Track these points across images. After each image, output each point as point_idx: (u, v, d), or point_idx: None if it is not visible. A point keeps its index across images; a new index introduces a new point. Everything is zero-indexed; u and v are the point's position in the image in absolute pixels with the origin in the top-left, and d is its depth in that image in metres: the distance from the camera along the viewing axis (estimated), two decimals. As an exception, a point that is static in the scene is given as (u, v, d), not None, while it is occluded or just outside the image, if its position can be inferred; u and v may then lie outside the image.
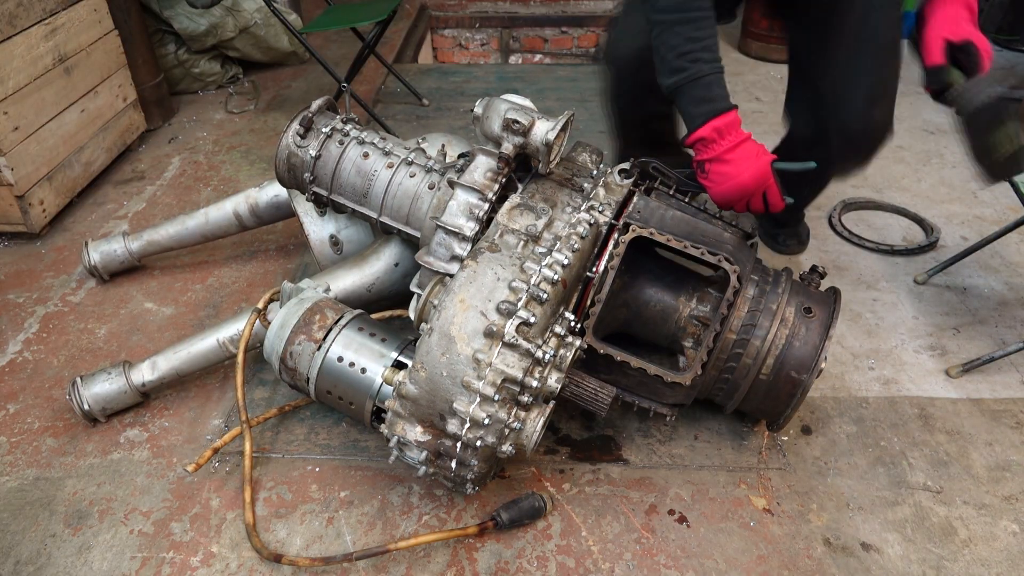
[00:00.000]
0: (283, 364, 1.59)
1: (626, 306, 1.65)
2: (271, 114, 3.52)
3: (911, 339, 2.15)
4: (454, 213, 1.58)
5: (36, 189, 2.51)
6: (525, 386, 1.34)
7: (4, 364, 2.04)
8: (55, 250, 2.53)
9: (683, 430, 1.83)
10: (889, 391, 1.97)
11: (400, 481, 1.69)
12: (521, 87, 3.92)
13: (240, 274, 2.40)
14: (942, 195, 2.85)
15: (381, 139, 1.82)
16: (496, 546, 1.56)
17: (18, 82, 2.44)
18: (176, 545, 1.56)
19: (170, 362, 1.83)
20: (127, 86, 3.07)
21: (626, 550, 1.55)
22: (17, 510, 1.63)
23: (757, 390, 1.61)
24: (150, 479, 1.70)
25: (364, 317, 1.64)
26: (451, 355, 1.32)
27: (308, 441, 1.80)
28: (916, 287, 2.36)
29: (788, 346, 1.57)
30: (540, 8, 5.40)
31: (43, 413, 1.88)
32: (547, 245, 1.47)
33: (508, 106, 1.53)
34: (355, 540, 1.57)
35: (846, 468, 1.75)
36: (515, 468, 1.73)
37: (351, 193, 1.81)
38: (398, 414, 1.40)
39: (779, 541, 1.58)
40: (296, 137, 1.79)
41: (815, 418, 1.88)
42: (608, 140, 2.31)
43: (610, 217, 1.57)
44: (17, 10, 2.43)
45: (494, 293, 1.35)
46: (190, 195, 2.84)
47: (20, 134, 2.45)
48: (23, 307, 2.26)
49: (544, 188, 1.59)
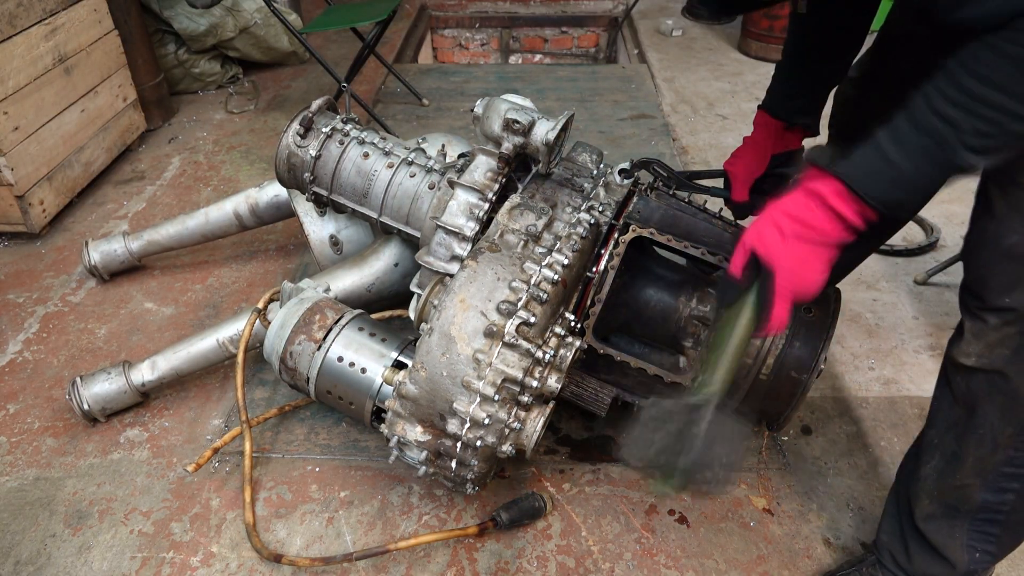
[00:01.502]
0: (283, 364, 1.59)
1: (626, 306, 1.65)
2: (271, 114, 3.52)
3: (911, 339, 2.15)
4: (454, 213, 1.58)
5: (36, 189, 2.51)
6: (525, 386, 1.34)
7: (4, 364, 2.04)
8: (55, 250, 2.52)
9: (683, 430, 1.83)
10: (889, 391, 1.97)
11: (400, 481, 1.69)
12: (521, 87, 3.92)
13: (240, 274, 2.40)
14: (942, 195, 2.81)
15: (381, 139, 1.82)
16: (496, 546, 1.56)
17: (18, 82, 2.44)
18: (176, 545, 1.56)
19: (170, 362, 1.83)
20: (127, 86, 3.07)
21: (626, 550, 1.55)
22: (17, 510, 1.63)
23: (757, 390, 1.61)
24: (150, 479, 1.70)
25: (364, 317, 1.64)
26: (451, 355, 1.32)
27: (308, 441, 1.79)
28: (916, 287, 2.36)
29: (788, 346, 1.57)
30: (540, 8, 5.40)
31: (43, 413, 1.88)
32: (547, 245, 1.47)
33: (508, 106, 1.53)
34: (355, 540, 1.57)
35: (846, 468, 1.75)
36: (515, 468, 1.73)
37: (351, 193, 1.81)
38: (398, 414, 1.40)
39: (779, 541, 1.58)
40: (296, 137, 1.79)
41: (815, 418, 1.88)
42: (606, 141, 2.31)
43: (610, 217, 1.57)
44: (17, 10, 2.43)
45: (494, 293, 1.35)
46: (190, 195, 2.84)
47: (20, 134, 2.45)
48: (23, 307, 2.26)
49: (544, 188, 1.59)
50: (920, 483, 1.29)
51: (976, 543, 1.27)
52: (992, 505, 1.22)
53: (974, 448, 1.19)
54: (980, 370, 1.14)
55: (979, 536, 1.26)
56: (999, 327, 1.10)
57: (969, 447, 1.20)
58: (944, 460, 1.24)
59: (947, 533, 1.27)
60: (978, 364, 1.14)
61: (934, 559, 1.30)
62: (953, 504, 1.25)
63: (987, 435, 1.17)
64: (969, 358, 1.15)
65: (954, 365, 1.19)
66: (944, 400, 1.25)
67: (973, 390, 1.17)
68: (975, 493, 1.22)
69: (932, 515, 1.28)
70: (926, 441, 1.30)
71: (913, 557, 1.33)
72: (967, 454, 1.20)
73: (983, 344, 1.13)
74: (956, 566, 1.28)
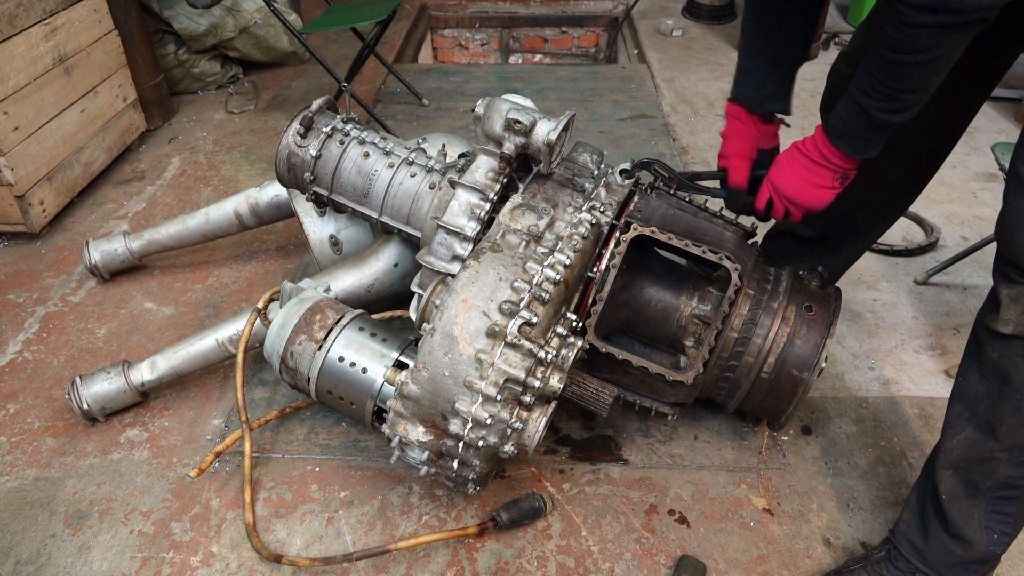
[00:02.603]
0: (284, 364, 1.59)
1: (627, 305, 1.65)
2: (271, 114, 3.52)
3: (911, 339, 2.15)
4: (455, 213, 1.58)
5: (36, 189, 2.50)
6: (527, 386, 1.34)
7: (4, 364, 2.04)
8: (55, 250, 2.52)
9: (683, 430, 1.83)
10: (889, 391, 1.97)
11: (400, 481, 1.69)
12: (521, 87, 3.92)
13: (240, 274, 2.40)
14: (942, 195, 2.85)
15: (382, 139, 1.82)
16: (496, 546, 1.56)
17: (18, 82, 2.44)
18: (176, 545, 1.55)
19: (169, 362, 1.82)
20: (127, 86, 3.07)
21: (626, 550, 1.55)
22: (17, 510, 1.63)
23: (759, 388, 1.61)
24: (150, 479, 1.70)
25: (365, 317, 1.64)
26: (454, 355, 1.32)
27: (308, 441, 1.79)
28: (916, 287, 2.36)
29: (790, 344, 1.57)
30: (540, 8, 5.40)
31: (43, 413, 1.88)
32: (549, 245, 1.47)
33: (510, 106, 1.53)
34: (355, 540, 1.57)
35: (846, 468, 1.75)
36: (515, 468, 1.73)
37: (351, 193, 1.80)
38: (400, 414, 1.40)
39: (779, 541, 1.58)
40: (296, 137, 1.79)
41: (815, 418, 1.88)
42: (607, 141, 2.31)
43: (611, 217, 1.57)
44: (17, 10, 2.43)
45: (496, 293, 1.35)
46: (190, 195, 2.84)
47: (20, 134, 2.44)
48: (23, 307, 2.26)
49: (546, 188, 1.59)
50: (945, 455, 1.33)
51: (993, 524, 1.31)
52: (1013, 480, 1.27)
53: (1011, 415, 1.23)
54: (1018, 337, 1.20)
55: (995, 517, 1.30)
56: None
57: (1005, 415, 1.24)
58: (977, 431, 1.28)
59: (966, 512, 1.31)
60: (1016, 331, 1.20)
61: (952, 539, 1.33)
62: (975, 481, 1.29)
63: (1023, 402, 1.22)
64: (1007, 326, 1.20)
65: (990, 333, 1.24)
66: (971, 375, 1.30)
67: (1010, 357, 1.22)
68: (1000, 467, 1.26)
69: (954, 492, 1.32)
70: (951, 417, 1.34)
71: (931, 538, 1.36)
72: (1002, 422, 1.24)
73: (1020, 309, 1.19)
74: (974, 546, 1.31)
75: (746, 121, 1.60)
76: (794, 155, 1.47)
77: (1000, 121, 3.42)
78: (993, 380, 1.25)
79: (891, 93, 1.23)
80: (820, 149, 1.41)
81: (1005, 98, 3.51)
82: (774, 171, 1.51)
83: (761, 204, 1.55)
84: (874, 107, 1.26)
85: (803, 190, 1.46)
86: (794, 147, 1.47)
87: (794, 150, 1.47)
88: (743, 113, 1.59)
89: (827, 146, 1.39)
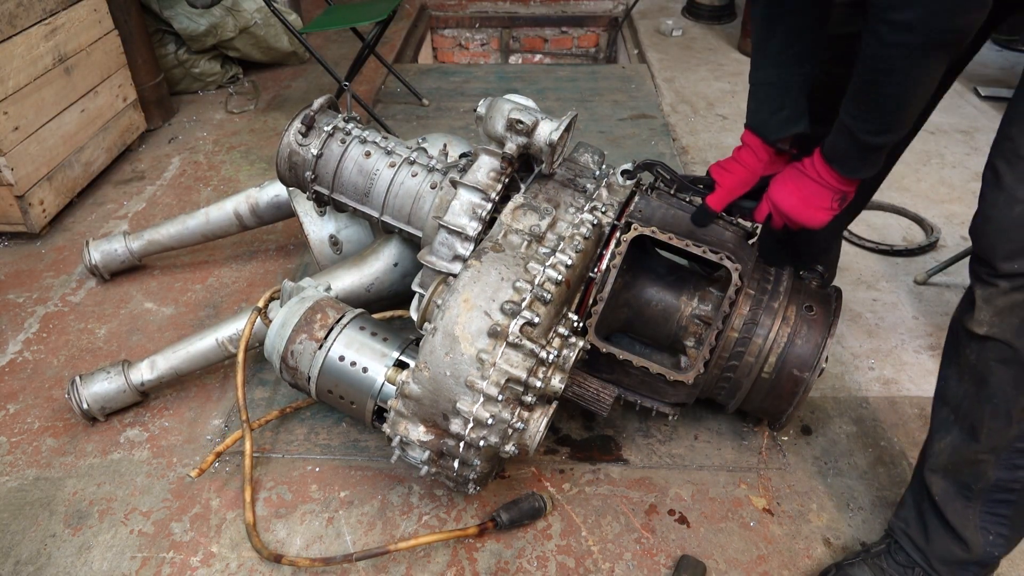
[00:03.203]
0: (284, 363, 1.58)
1: (628, 306, 1.65)
2: (271, 114, 3.52)
3: (911, 339, 2.15)
4: (457, 213, 1.58)
5: (36, 189, 2.50)
6: (529, 386, 1.34)
7: (4, 364, 2.04)
8: (55, 250, 2.52)
9: (683, 430, 1.83)
10: (889, 391, 1.97)
11: (400, 481, 1.69)
12: (521, 87, 3.92)
13: (240, 274, 2.40)
14: (942, 195, 2.85)
15: (383, 138, 1.82)
16: (496, 546, 1.56)
17: (18, 82, 2.44)
18: (176, 545, 1.55)
19: (169, 361, 1.82)
20: (127, 86, 3.07)
21: (626, 550, 1.55)
22: (17, 510, 1.63)
23: (759, 388, 1.61)
24: (150, 479, 1.70)
25: (365, 316, 1.64)
26: (455, 355, 1.32)
27: (308, 441, 1.79)
28: (916, 287, 2.36)
29: (790, 344, 1.57)
30: (540, 8, 5.40)
31: (43, 413, 1.88)
32: (551, 245, 1.47)
33: (512, 106, 1.53)
34: (355, 540, 1.57)
35: (846, 468, 1.75)
36: (515, 468, 1.73)
37: (352, 192, 1.80)
38: (401, 414, 1.40)
39: (779, 541, 1.58)
40: (298, 135, 1.79)
41: (815, 418, 1.88)
42: (607, 141, 2.31)
43: (613, 218, 1.57)
44: (17, 10, 2.42)
45: (498, 293, 1.35)
46: (190, 195, 2.84)
47: (20, 134, 2.44)
48: (23, 307, 2.25)
49: (547, 188, 1.59)
50: (933, 459, 1.33)
51: (989, 525, 1.30)
52: (1005, 483, 1.26)
53: (989, 419, 1.23)
54: (992, 339, 1.20)
55: (991, 518, 1.29)
56: (1008, 292, 1.17)
57: (984, 418, 1.24)
58: (962, 433, 1.28)
59: (962, 513, 1.30)
60: (990, 333, 1.20)
61: (952, 539, 1.33)
62: (967, 482, 1.29)
63: (1001, 406, 1.21)
64: (981, 327, 1.21)
65: (967, 333, 1.24)
66: (951, 378, 1.30)
67: (985, 360, 1.22)
68: (989, 470, 1.25)
69: (947, 493, 1.31)
70: (937, 421, 1.34)
71: (931, 537, 1.36)
72: (982, 425, 1.24)
73: (993, 310, 1.19)
74: (971, 547, 1.31)
75: (759, 154, 1.56)
76: (795, 174, 1.47)
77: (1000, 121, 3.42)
78: (970, 383, 1.26)
79: (873, 115, 1.24)
80: (818, 170, 1.41)
81: (1005, 98, 3.51)
82: (774, 188, 1.52)
83: (760, 218, 1.56)
84: (859, 129, 1.27)
85: (801, 210, 1.46)
86: (794, 167, 1.48)
87: (795, 170, 1.48)
88: (759, 145, 1.55)
89: (824, 167, 1.40)
